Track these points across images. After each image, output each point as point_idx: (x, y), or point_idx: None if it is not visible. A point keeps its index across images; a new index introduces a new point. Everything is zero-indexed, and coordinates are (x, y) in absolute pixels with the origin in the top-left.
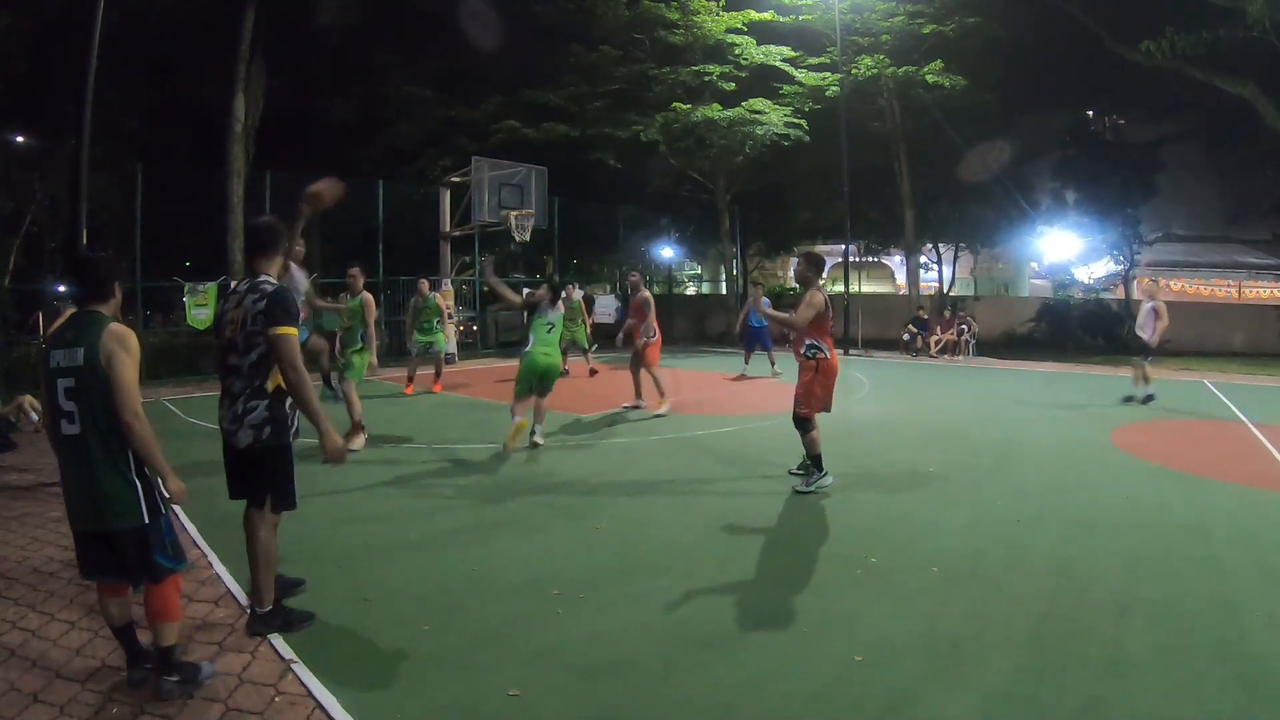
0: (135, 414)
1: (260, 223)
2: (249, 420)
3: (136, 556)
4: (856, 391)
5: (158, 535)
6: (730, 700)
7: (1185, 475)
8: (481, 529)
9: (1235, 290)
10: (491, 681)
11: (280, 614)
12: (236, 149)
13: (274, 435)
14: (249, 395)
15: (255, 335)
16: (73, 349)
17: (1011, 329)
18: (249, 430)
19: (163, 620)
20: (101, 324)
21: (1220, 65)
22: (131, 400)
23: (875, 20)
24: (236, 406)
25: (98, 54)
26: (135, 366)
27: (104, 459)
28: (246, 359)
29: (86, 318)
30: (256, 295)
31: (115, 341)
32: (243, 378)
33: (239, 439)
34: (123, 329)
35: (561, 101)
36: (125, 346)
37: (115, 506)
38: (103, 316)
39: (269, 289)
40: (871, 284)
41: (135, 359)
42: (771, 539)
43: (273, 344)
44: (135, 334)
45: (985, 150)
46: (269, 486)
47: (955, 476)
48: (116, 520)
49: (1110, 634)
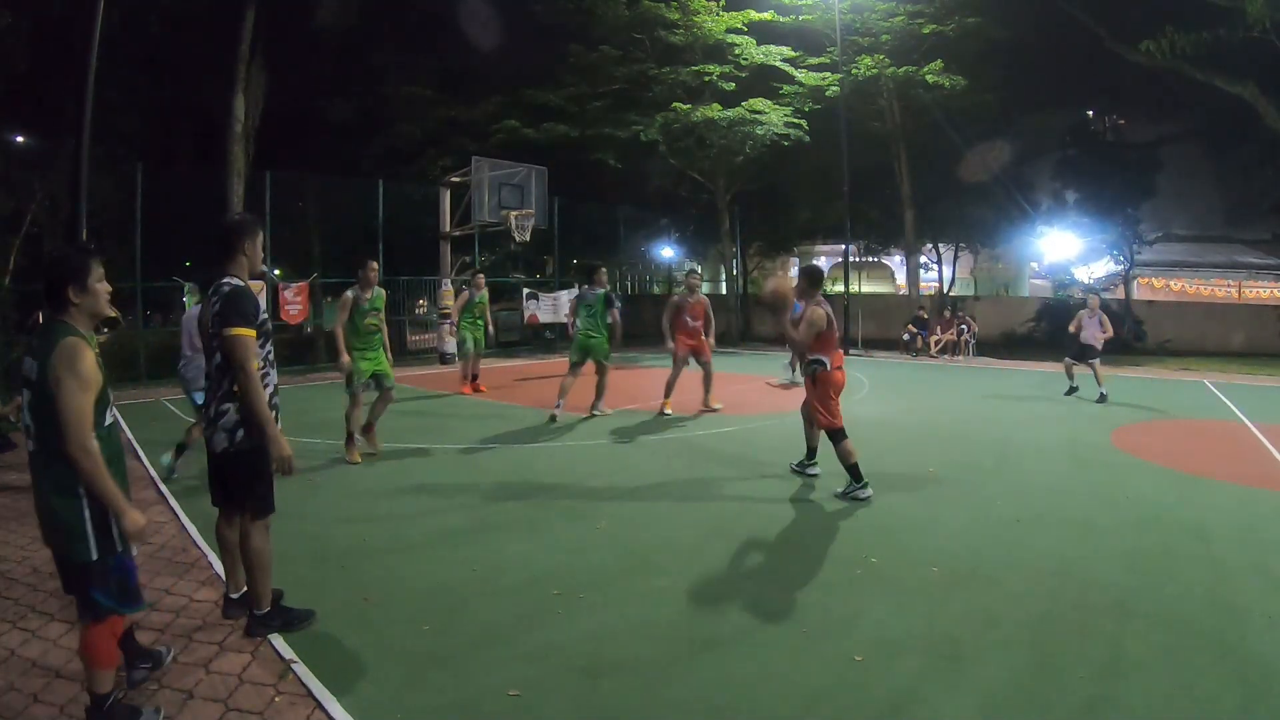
0: (81, 448)
1: (222, 223)
2: (222, 424)
3: (77, 590)
4: (856, 391)
5: (102, 573)
6: (730, 700)
7: (1185, 475)
8: (481, 529)
9: (1235, 290)
10: (491, 681)
11: (279, 614)
12: (236, 149)
13: (247, 438)
14: (220, 398)
15: (214, 338)
16: (33, 360)
17: (1011, 329)
18: (223, 434)
19: (91, 665)
20: (56, 337)
21: (1220, 65)
22: (76, 432)
23: (875, 20)
24: (210, 410)
25: (98, 54)
26: (85, 391)
27: (55, 484)
28: (213, 362)
29: (46, 327)
30: (215, 297)
31: (62, 362)
32: (212, 380)
33: (214, 443)
34: (73, 346)
35: (561, 101)
36: (72, 369)
37: (62, 536)
38: (61, 327)
39: (226, 290)
40: (871, 284)
41: (85, 382)
42: (771, 539)
43: (224, 344)
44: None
45: (985, 150)
46: (246, 491)
47: (955, 476)
48: (63, 549)
49: (1110, 634)
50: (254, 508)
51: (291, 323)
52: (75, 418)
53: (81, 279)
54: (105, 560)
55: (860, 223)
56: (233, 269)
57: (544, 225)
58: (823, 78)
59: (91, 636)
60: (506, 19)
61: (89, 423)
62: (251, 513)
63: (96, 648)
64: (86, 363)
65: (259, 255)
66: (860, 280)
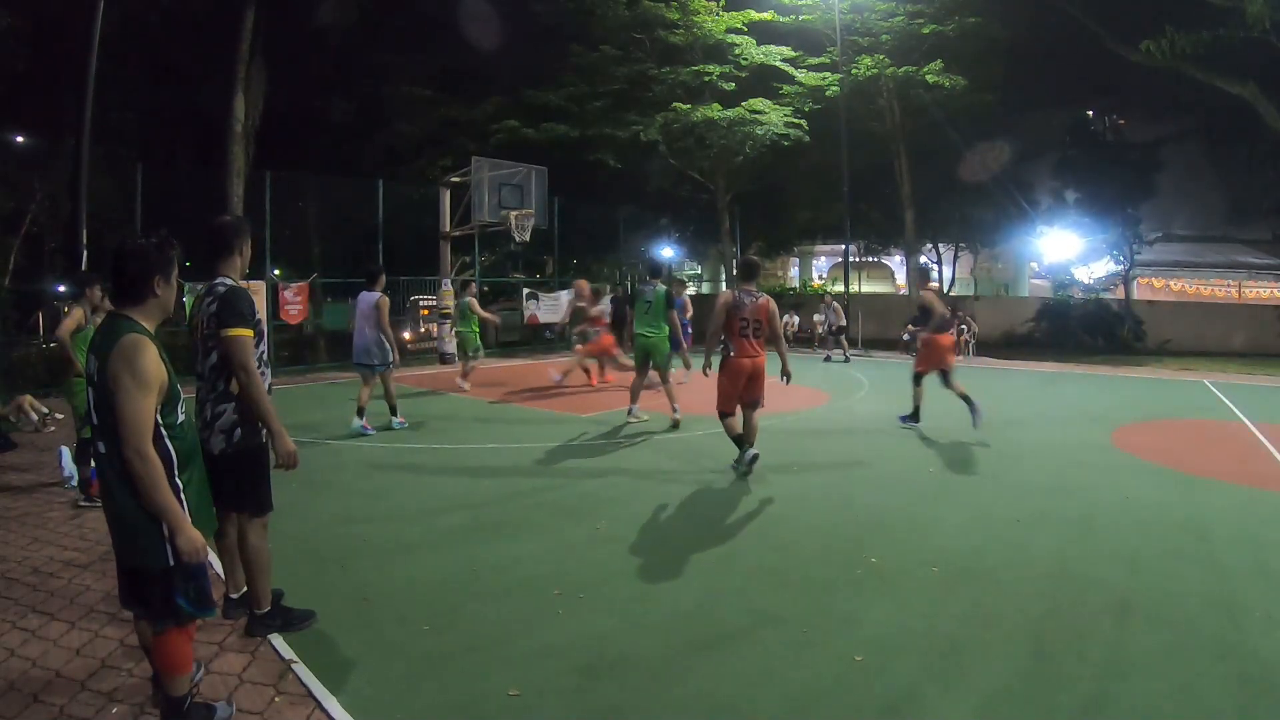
0: (137, 452)
1: (216, 223)
2: (219, 425)
3: (159, 597)
4: (856, 391)
5: (184, 577)
6: (730, 700)
7: (1185, 475)
8: (481, 529)
9: (1235, 290)
10: (491, 681)
11: (279, 614)
12: (236, 149)
13: (245, 437)
14: (215, 399)
15: (210, 338)
16: (95, 357)
17: (1011, 329)
18: (220, 435)
19: (173, 672)
20: (119, 333)
21: (1220, 65)
22: (133, 435)
23: (875, 20)
24: (205, 412)
25: (98, 54)
26: (144, 393)
27: (125, 487)
28: (207, 362)
29: (110, 323)
30: (211, 298)
31: (122, 360)
32: (206, 381)
33: (212, 445)
34: (136, 343)
35: (561, 101)
36: (132, 368)
37: (139, 541)
38: (125, 323)
39: (221, 290)
40: (871, 284)
41: (145, 384)
42: (771, 539)
43: (223, 345)
44: (157, 348)
45: (985, 150)
46: (245, 491)
47: (955, 476)
48: (141, 556)
49: (1110, 634)
50: (252, 507)
51: (291, 323)
52: (132, 421)
53: (168, 271)
54: (184, 564)
55: (860, 223)
56: (226, 269)
57: (544, 225)
58: (823, 78)
59: (171, 643)
60: (507, 19)
61: (148, 427)
62: (250, 512)
63: (177, 653)
64: (150, 360)
65: (248, 256)
66: (860, 280)
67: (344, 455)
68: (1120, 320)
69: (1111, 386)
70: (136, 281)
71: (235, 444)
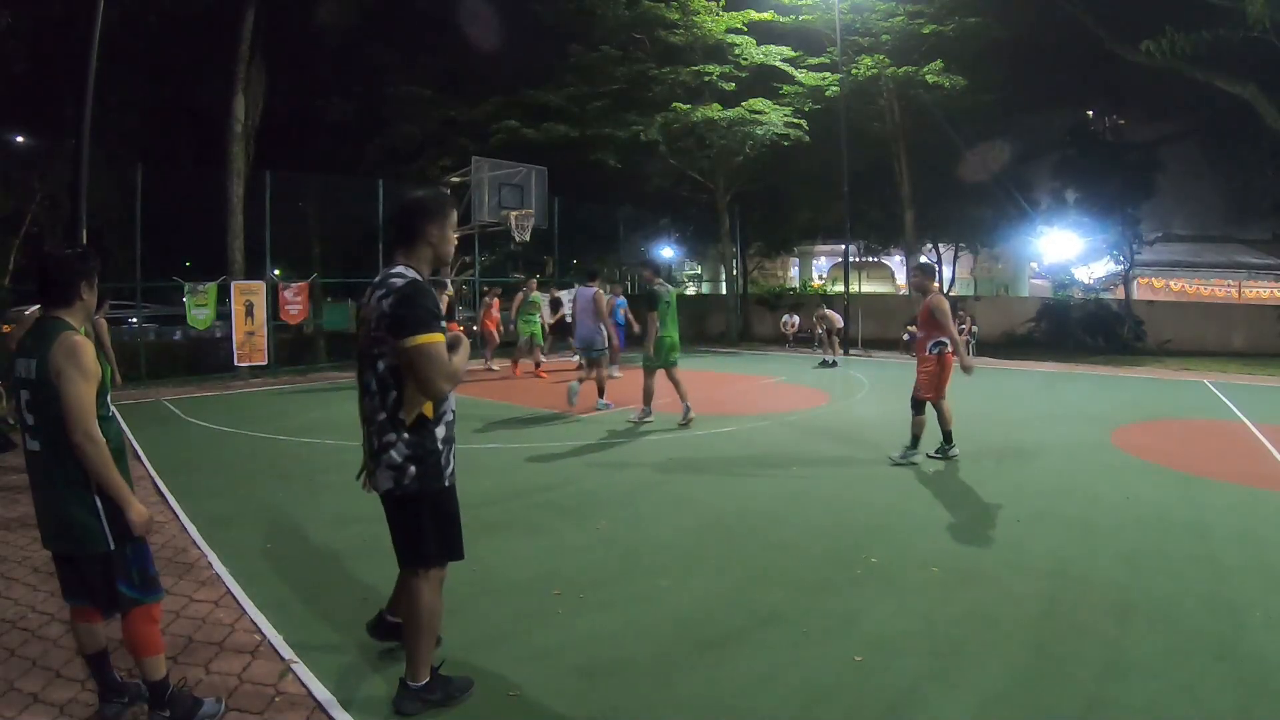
0: (86, 435)
1: (405, 201)
2: (385, 460)
3: (100, 584)
4: (857, 391)
5: (123, 563)
6: (730, 700)
7: (1185, 475)
8: (481, 529)
9: (1235, 290)
10: (491, 681)
11: (438, 686)
12: (236, 149)
13: (420, 477)
14: (382, 426)
15: (380, 342)
16: (29, 359)
17: (1011, 329)
18: (387, 472)
19: (140, 654)
20: (55, 333)
21: (1220, 65)
22: (81, 420)
23: (875, 20)
24: (372, 440)
25: (98, 54)
26: (87, 381)
27: (64, 478)
28: (369, 374)
29: (44, 325)
30: (384, 291)
31: (64, 355)
32: (372, 398)
33: (377, 481)
34: (74, 340)
35: (561, 102)
36: (75, 361)
37: (75, 530)
38: (60, 324)
39: (398, 283)
40: (871, 284)
41: (87, 373)
42: (771, 539)
43: (403, 357)
44: (93, 345)
45: (985, 150)
46: (424, 539)
47: (955, 476)
48: (78, 545)
49: (1110, 634)
50: (438, 556)
51: (291, 323)
52: (79, 407)
53: (92, 278)
54: (123, 550)
55: (860, 223)
56: (412, 259)
57: (544, 225)
58: (823, 78)
59: (130, 628)
60: (506, 19)
61: (93, 413)
62: (430, 563)
63: (139, 635)
64: (88, 355)
65: (450, 246)
66: (860, 280)
67: (344, 455)
68: (1120, 320)
69: (1111, 386)
70: (64, 287)
71: (405, 486)
